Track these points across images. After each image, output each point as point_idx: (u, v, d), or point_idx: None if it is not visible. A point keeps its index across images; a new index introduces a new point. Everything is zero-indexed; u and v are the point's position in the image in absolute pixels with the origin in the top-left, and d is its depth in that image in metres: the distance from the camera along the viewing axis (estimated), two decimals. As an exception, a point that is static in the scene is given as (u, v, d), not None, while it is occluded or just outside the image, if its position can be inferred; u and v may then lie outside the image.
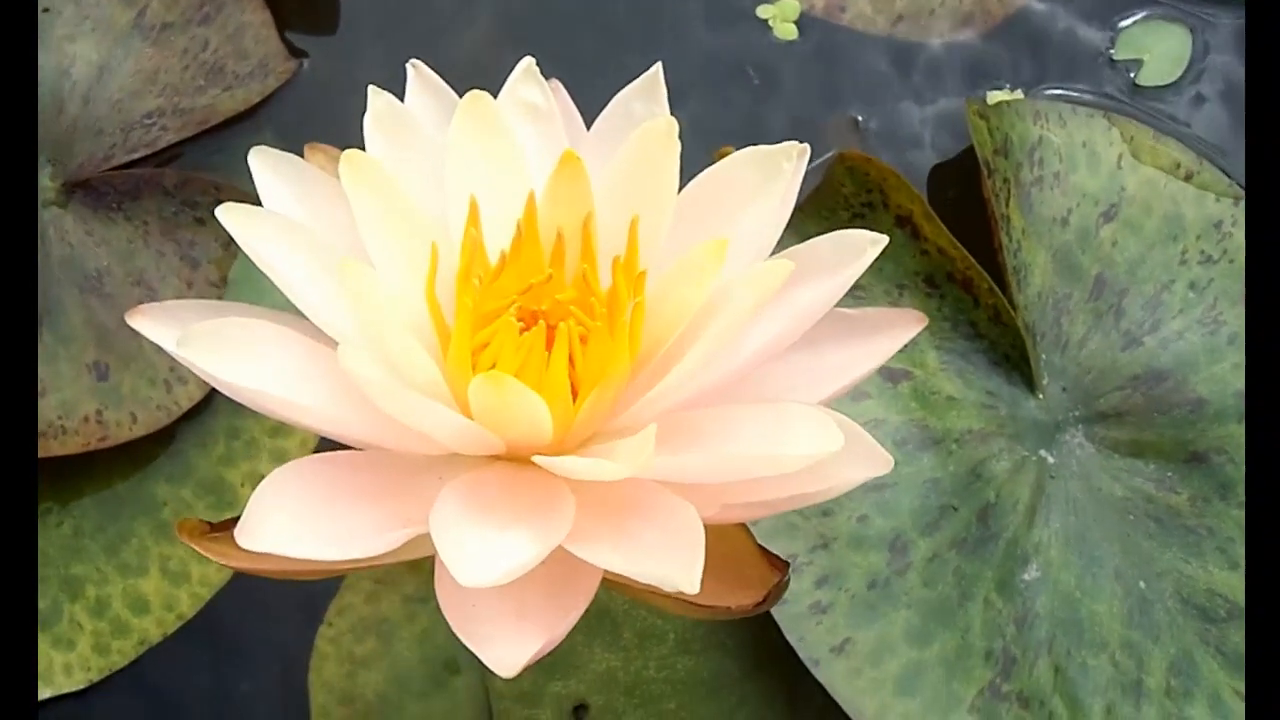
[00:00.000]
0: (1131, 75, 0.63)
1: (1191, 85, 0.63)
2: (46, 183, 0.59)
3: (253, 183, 0.59)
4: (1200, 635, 0.53)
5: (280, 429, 0.56)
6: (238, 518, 0.38)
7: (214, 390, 0.56)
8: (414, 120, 0.42)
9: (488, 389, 0.35)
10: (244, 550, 0.36)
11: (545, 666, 0.51)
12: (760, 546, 0.38)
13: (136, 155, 0.59)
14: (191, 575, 0.54)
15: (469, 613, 0.34)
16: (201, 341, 0.36)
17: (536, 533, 0.35)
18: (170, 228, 0.58)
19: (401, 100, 0.42)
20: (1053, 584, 0.53)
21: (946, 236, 0.54)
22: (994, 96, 0.62)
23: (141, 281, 0.57)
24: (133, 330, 0.55)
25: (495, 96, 0.42)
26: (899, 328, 0.41)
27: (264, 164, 0.41)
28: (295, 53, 0.63)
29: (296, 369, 0.37)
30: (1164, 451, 0.56)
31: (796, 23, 0.64)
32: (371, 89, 0.41)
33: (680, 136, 0.39)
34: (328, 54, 0.64)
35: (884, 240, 0.39)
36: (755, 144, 0.40)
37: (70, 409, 0.54)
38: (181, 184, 0.59)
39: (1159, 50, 0.63)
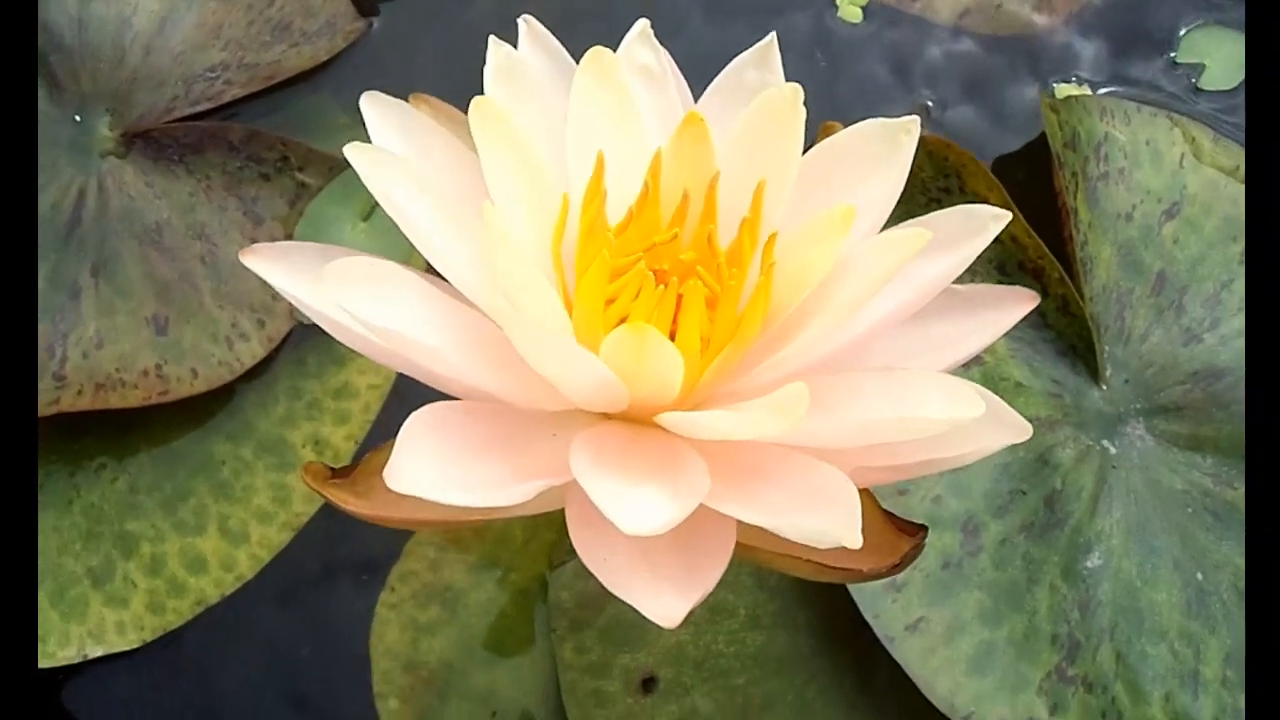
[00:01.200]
0: (1193, 80, 0.63)
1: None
2: (105, 132, 0.56)
3: (319, 141, 0.58)
4: (1258, 627, 0.52)
5: (344, 390, 0.54)
6: (354, 464, 0.36)
7: (277, 349, 0.54)
8: (532, 74, 0.40)
9: (629, 338, 0.33)
10: (369, 498, 0.34)
11: (614, 638, 0.50)
12: (886, 511, 0.36)
13: (199, 109, 0.57)
14: (251, 536, 0.51)
15: (614, 565, 0.32)
16: (336, 280, 0.34)
17: (678, 487, 0.33)
18: (233, 183, 0.56)
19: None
20: (1114, 572, 0.52)
21: (1021, 225, 0.53)
22: (1062, 90, 0.61)
23: (203, 235, 0.55)
24: (192, 285, 0.54)
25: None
26: (1010, 304, 0.40)
27: (376, 109, 0.40)
28: (364, 12, 0.61)
29: (425, 314, 0.35)
30: (1221, 447, 0.55)
31: (864, 8, 0.63)
32: (492, 40, 0.39)
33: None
34: (397, 15, 0.61)
35: (1007, 216, 0.38)
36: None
37: (129, 362, 0.52)
38: (247, 139, 0.56)
39: (1219, 55, 0.62)
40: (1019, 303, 0.40)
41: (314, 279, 0.34)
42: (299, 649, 0.50)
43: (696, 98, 0.41)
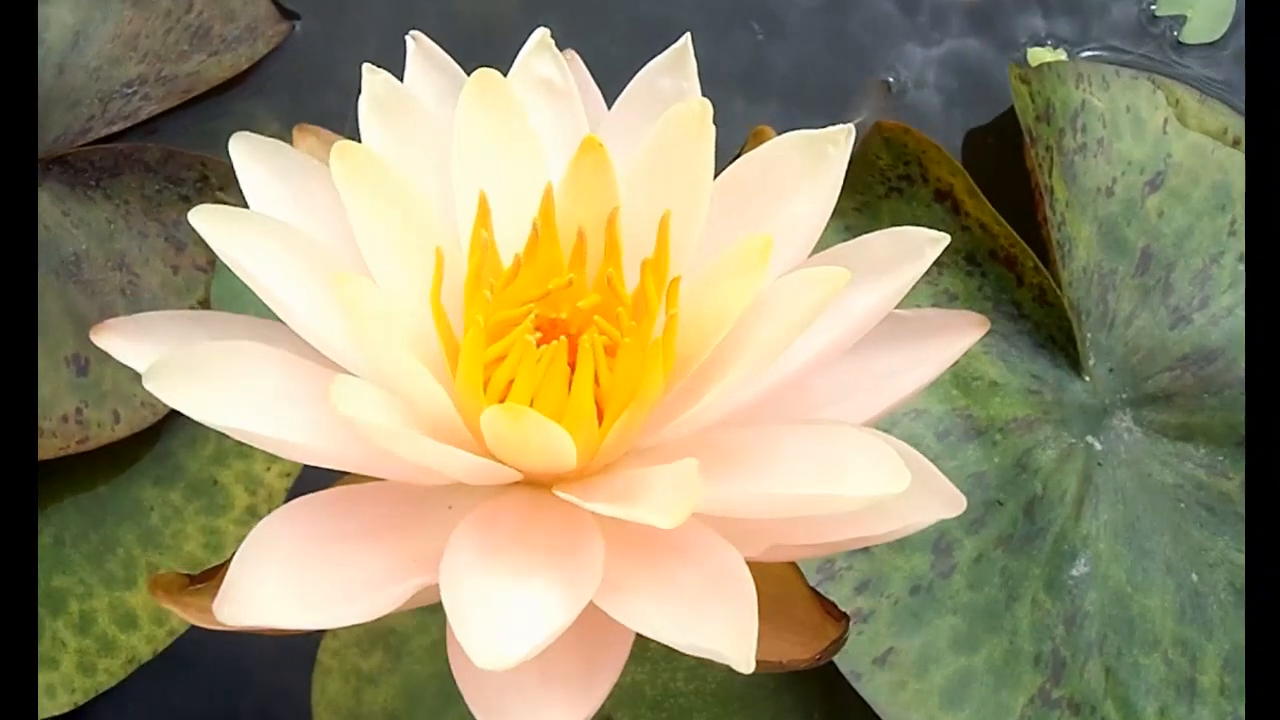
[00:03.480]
0: (1175, 33, 0.55)
1: (1237, 42, 0.55)
2: (18, 160, 0.51)
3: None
4: (1258, 632, 0.47)
5: (276, 425, 0.49)
6: (222, 565, 0.31)
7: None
8: (415, 103, 0.34)
9: (503, 421, 0.28)
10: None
11: (565, 679, 0.45)
12: (813, 589, 0.31)
13: (116, 128, 0.51)
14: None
15: (485, 686, 0.27)
16: (172, 374, 0.28)
17: (564, 585, 0.28)
18: (153, 207, 0.51)
19: (401, 78, 0.34)
20: (1102, 579, 0.46)
21: (990, 212, 0.47)
22: (1035, 55, 0.54)
23: (123, 265, 0.50)
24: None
25: (509, 68, 0.34)
26: (957, 333, 0.35)
27: (247, 153, 0.34)
28: (287, 14, 0.55)
29: (285, 395, 0.30)
30: (1215, 435, 0.49)
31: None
32: (366, 68, 0.33)
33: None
34: (322, 15, 0.55)
35: (945, 240, 0.32)
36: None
37: (48, 408, 0.47)
38: (165, 159, 0.51)
39: (1201, 5, 0.55)
40: (966, 330, 0.34)
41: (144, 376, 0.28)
42: (237, 705, 0.46)
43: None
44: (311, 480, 0.46)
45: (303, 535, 0.28)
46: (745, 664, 0.25)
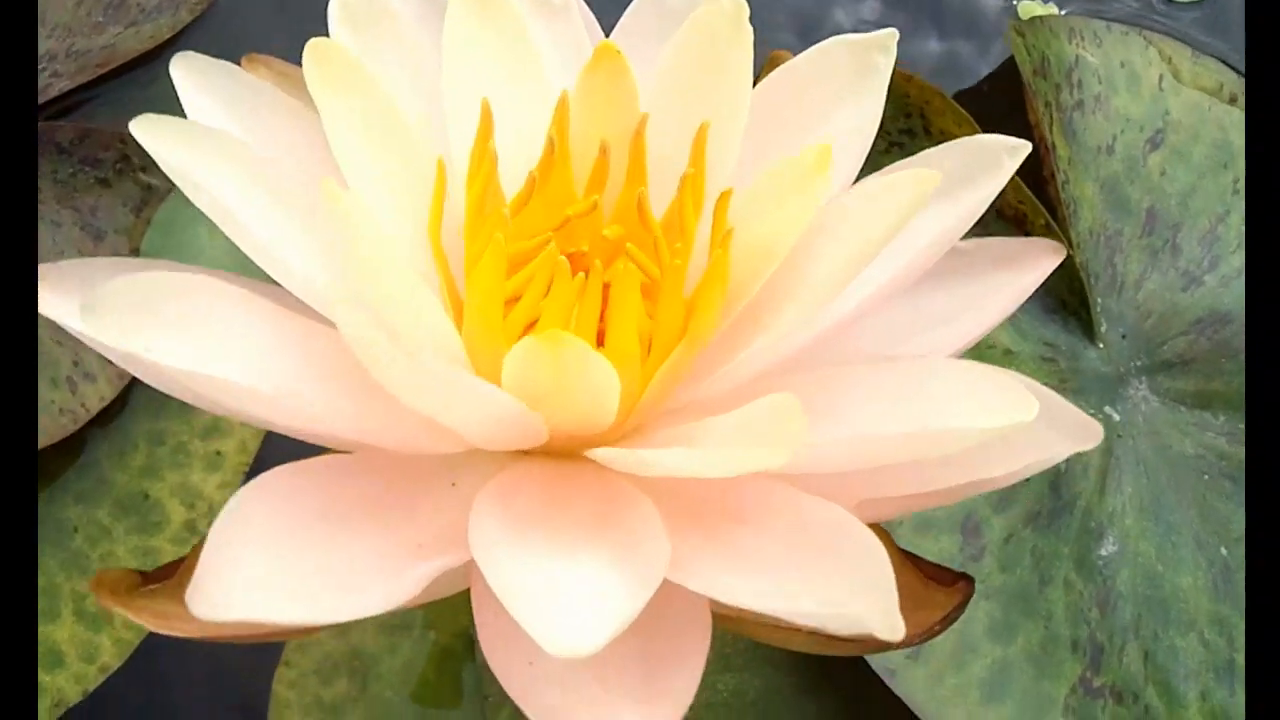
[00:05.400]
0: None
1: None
2: (-93, 145, 0.44)
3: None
4: (1297, 605, 0.42)
5: (215, 428, 0.42)
6: (181, 560, 0.24)
7: (130, 386, 0.42)
8: (392, 16, 0.29)
9: (543, 354, 0.22)
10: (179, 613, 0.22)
11: (561, 697, 0.38)
12: (904, 551, 0.25)
13: (20, 107, 0.44)
14: (115, 616, 0.39)
15: (541, 687, 0.21)
16: (117, 307, 0.22)
17: (628, 556, 0.22)
18: (67, 193, 0.44)
19: None
20: (1132, 557, 0.42)
21: (997, 166, 0.43)
22: (1026, 8, 0.50)
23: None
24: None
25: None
26: (1029, 261, 0.30)
27: (191, 75, 0.28)
28: (211, -20, 0.48)
29: (255, 343, 0.23)
30: (1233, 402, 0.45)
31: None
32: None
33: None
34: (249, -18, 0.49)
35: (1026, 147, 0.27)
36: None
37: (-52, 418, 0.39)
38: (80, 139, 0.44)
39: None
40: (1039, 258, 0.30)
41: (78, 315, 0.22)
42: (181, 750, 0.39)
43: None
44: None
45: (286, 511, 0.22)
46: (890, 627, 0.19)
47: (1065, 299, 0.44)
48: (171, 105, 0.45)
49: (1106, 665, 0.40)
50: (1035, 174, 0.44)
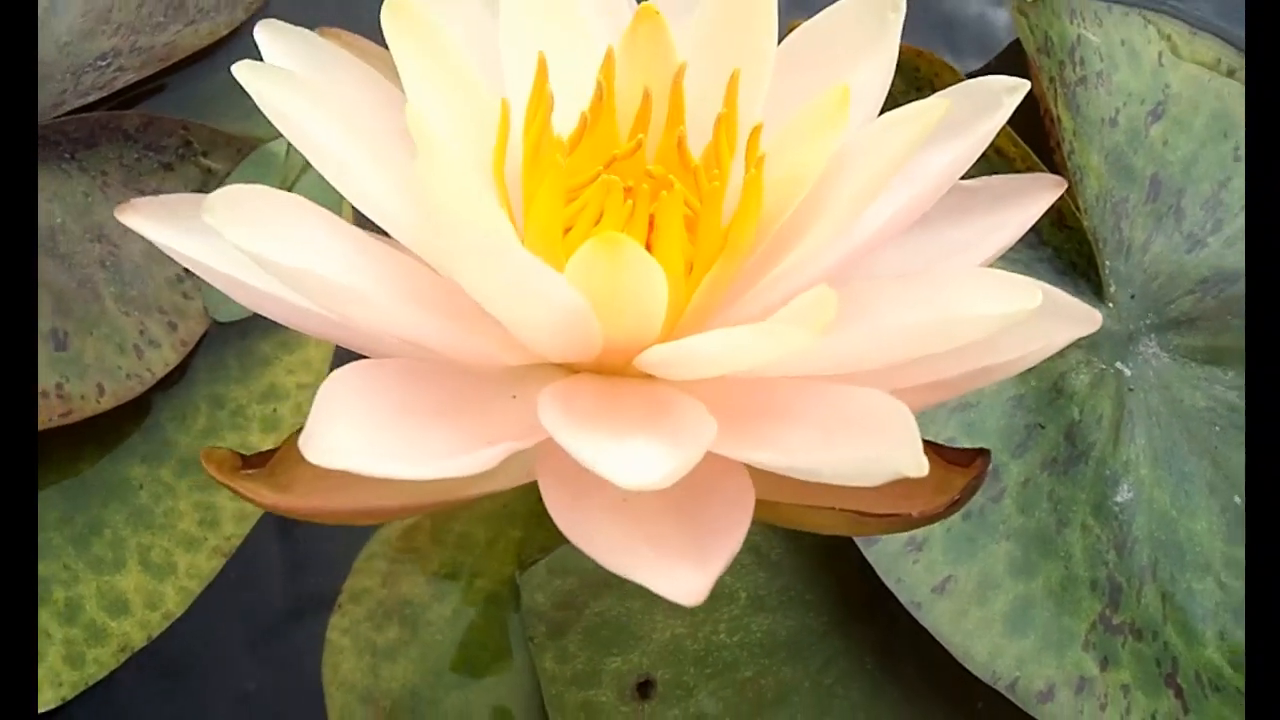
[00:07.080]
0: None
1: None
2: (-16, 137, 0.46)
3: (225, 122, 0.47)
4: (1310, 548, 0.43)
5: (271, 392, 0.43)
6: (274, 451, 0.26)
7: (192, 353, 0.44)
8: None
9: (603, 253, 0.23)
10: (292, 490, 0.24)
11: (601, 640, 0.39)
12: (927, 440, 0.26)
13: (90, 99, 0.47)
14: (178, 566, 0.41)
15: (610, 541, 0.23)
16: (230, 210, 0.24)
17: (677, 433, 0.23)
18: (133, 176, 0.46)
19: None
20: (1147, 504, 0.42)
21: (1007, 134, 0.44)
22: (1024, -12, 0.51)
23: (102, 237, 0.44)
24: (93, 292, 0.44)
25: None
26: (1029, 196, 0.31)
27: (275, 40, 0.30)
28: (265, -19, 0.51)
29: (342, 254, 0.25)
30: (1241, 356, 0.46)
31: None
32: None
33: None
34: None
35: (1025, 86, 0.29)
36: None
37: (24, 384, 0.41)
38: (144, 126, 0.46)
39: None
40: (1041, 191, 0.31)
41: (200, 227, 0.24)
42: (243, 687, 0.40)
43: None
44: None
45: (377, 393, 0.24)
46: (917, 465, 0.20)
47: (1075, 261, 0.45)
48: (228, 96, 0.47)
49: (1125, 604, 0.41)
50: (1043, 144, 0.46)
